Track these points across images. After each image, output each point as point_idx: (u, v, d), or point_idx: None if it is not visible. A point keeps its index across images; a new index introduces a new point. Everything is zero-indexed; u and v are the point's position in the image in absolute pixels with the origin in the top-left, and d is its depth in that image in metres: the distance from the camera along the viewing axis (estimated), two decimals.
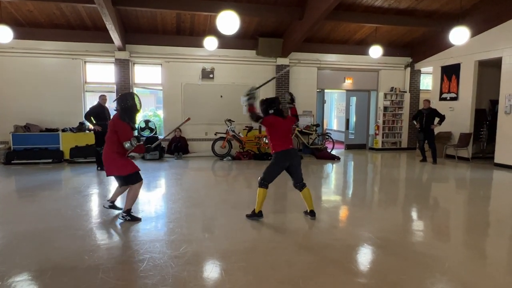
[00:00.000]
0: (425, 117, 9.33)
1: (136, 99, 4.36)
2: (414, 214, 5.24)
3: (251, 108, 4.44)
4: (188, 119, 6.22)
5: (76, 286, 2.85)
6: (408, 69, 11.87)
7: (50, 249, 3.63)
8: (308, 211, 4.64)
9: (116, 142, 4.28)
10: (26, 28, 9.11)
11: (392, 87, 11.81)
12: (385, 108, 11.75)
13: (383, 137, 11.83)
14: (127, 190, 4.57)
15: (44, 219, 4.58)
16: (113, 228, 4.31)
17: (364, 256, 3.62)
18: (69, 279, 2.95)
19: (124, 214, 4.45)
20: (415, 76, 11.98)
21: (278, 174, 4.57)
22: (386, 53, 10.80)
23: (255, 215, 4.58)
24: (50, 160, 8.88)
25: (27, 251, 3.55)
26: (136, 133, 10.19)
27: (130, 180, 4.41)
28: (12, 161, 8.68)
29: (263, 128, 5.09)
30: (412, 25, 9.66)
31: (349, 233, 4.22)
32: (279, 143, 4.43)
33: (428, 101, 9.62)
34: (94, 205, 5.41)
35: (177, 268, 3.18)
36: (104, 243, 3.79)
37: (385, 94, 11.71)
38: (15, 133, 8.92)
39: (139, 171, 4.47)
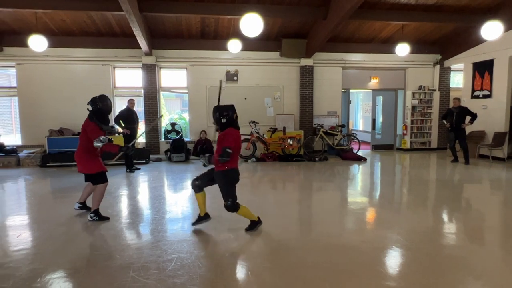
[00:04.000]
0: (456, 116, 8.99)
1: (105, 101, 4.62)
2: (445, 216, 5.06)
3: (215, 161, 4.11)
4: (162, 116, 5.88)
5: (109, 284, 2.95)
6: (437, 66, 11.49)
7: (84, 248, 3.78)
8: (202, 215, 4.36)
9: (86, 141, 4.52)
10: (59, 36, 9.54)
11: (421, 86, 11.48)
12: (413, 107, 11.42)
13: (411, 137, 11.50)
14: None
15: (77, 219, 4.77)
16: (142, 228, 4.44)
17: (393, 259, 3.53)
18: (102, 277, 3.06)
19: (92, 215, 4.63)
20: (444, 73, 11.57)
21: None
22: (414, 51, 10.52)
23: (258, 223, 4.29)
24: None
25: (62, 250, 3.71)
26: (163, 136, 10.44)
27: (96, 179, 4.64)
28: (47, 164, 9.10)
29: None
30: (441, 21, 9.35)
31: (377, 235, 4.14)
32: (235, 158, 4.08)
33: (458, 99, 9.26)
34: (124, 206, 5.58)
35: (204, 268, 3.23)
36: (134, 243, 3.91)
37: (413, 93, 11.38)
38: (50, 137, 9.35)
39: (106, 172, 4.71)
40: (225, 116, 4.05)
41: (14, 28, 9.14)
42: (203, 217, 4.38)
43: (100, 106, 4.58)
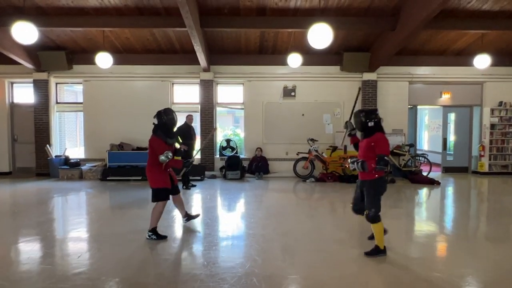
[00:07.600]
0: None
1: (171, 114, 4.61)
2: None
3: (354, 139, 4.19)
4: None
5: None
6: None
7: (151, 272, 3.48)
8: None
9: (152, 155, 4.43)
10: (123, 54, 9.86)
11: (501, 102, 10.22)
12: (492, 126, 10.17)
13: (490, 159, 10.21)
14: (176, 201, 4.89)
15: (135, 235, 4.55)
16: (211, 253, 4.07)
17: None
18: None
19: (150, 233, 4.44)
20: None
21: None
22: (493, 63, 9.38)
23: (381, 252, 3.88)
24: (140, 177, 9.22)
25: (132, 275, 3.44)
26: (218, 152, 10.25)
27: (156, 194, 4.44)
28: (107, 178, 9.26)
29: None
30: None
31: (461, 270, 3.37)
32: None
33: None
34: (179, 223, 5.29)
35: None
36: (199, 267, 3.54)
37: (492, 110, 10.16)
38: (110, 151, 9.57)
39: (168, 189, 4.50)
40: (372, 119, 3.76)
41: (83, 47, 9.61)
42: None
43: (165, 119, 4.56)
